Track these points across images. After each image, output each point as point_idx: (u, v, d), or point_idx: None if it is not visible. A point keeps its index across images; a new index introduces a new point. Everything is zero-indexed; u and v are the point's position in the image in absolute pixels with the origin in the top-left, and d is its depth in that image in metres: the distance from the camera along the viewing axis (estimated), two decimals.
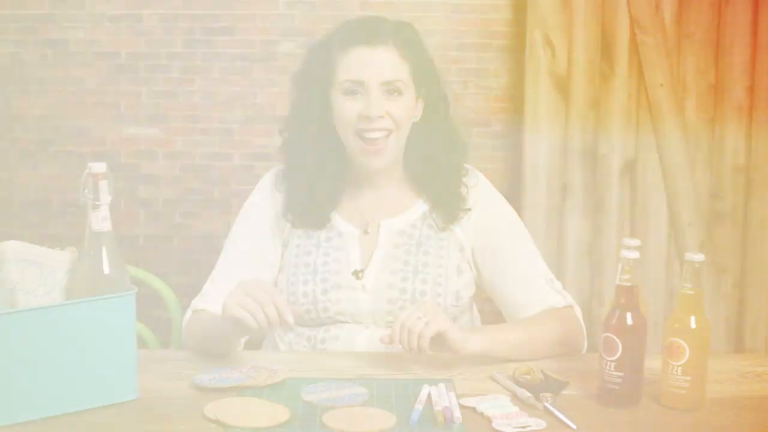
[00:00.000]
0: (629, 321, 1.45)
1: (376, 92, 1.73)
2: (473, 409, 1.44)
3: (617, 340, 1.44)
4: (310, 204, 1.82)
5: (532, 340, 1.68)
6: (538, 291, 1.78)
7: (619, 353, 1.44)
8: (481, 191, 1.86)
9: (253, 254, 1.83)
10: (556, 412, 1.42)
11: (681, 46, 3.54)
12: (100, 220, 1.45)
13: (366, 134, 1.74)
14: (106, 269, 1.45)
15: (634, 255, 1.44)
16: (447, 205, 1.82)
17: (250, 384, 1.51)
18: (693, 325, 1.43)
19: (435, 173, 1.83)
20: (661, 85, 3.55)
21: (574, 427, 1.38)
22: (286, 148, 1.86)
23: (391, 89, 1.74)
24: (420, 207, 1.86)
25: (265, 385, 1.51)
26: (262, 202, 1.88)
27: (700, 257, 1.43)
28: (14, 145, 3.82)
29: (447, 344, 1.59)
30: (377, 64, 1.73)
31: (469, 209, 1.83)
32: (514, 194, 3.75)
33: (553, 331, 1.70)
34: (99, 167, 1.45)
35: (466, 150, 1.88)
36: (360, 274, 1.80)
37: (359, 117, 1.73)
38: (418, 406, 1.43)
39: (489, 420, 1.39)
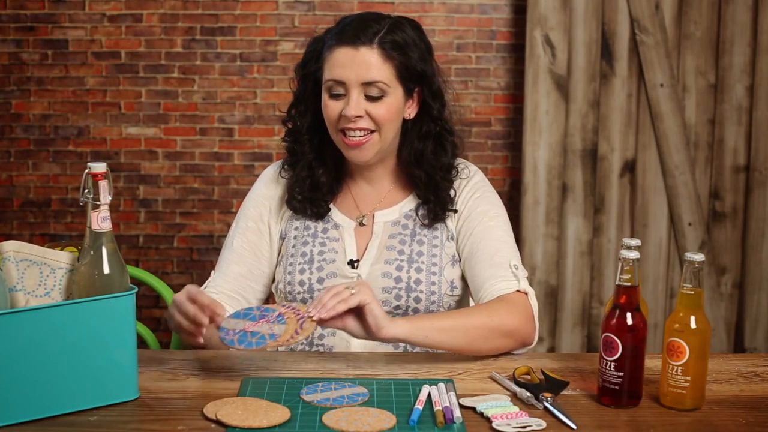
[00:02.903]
0: (629, 321, 1.45)
1: (356, 93, 1.74)
2: (473, 409, 1.44)
3: (617, 340, 1.44)
4: (312, 193, 1.84)
5: (465, 328, 1.65)
6: (497, 273, 1.77)
7: (619, 353, 1.44)
8: (471, 183, 1.88)
9: (247, 249, 1.86)
10: (556, 412, 1.42)
11: (681, 46, 3.55)
12: (100, 220, 1.45)
13: (347, 132, 1.76)
14: (106, 269, 1.45)
15: (634, 255, 1.44)
16: (434, 205, 1.84)
17: (275, 344, 1.50)
18: (693, 325, 1.43)
19: (424, 174, 1.84)
20: (661, 85, 3.55)
21: (574, 427, 1.38)
22: (288, 138, 1.88)
23: (372, 90, 1.75)
24: (414, 198, 1.88)
25: (291, 342, 1.51)
26: (260, 196, 1.90)
27: (700, 257, 1.43)
28: (14, 145, 3.82)
29: (368, 320, 1.55)
30: (358, 64, 1.74)
31: (456, 211, 1.84)
32: (514, 194, 3.76)
33: (491, 320, 1.67)
34: (99, 167, 1.45)
35: (458, 151, 1.87)
36: (355, 264, 1.81)
37: (340, 116, 1.75)
38: (418, 406, 1.43)
39: (489, 420, 1.39)
